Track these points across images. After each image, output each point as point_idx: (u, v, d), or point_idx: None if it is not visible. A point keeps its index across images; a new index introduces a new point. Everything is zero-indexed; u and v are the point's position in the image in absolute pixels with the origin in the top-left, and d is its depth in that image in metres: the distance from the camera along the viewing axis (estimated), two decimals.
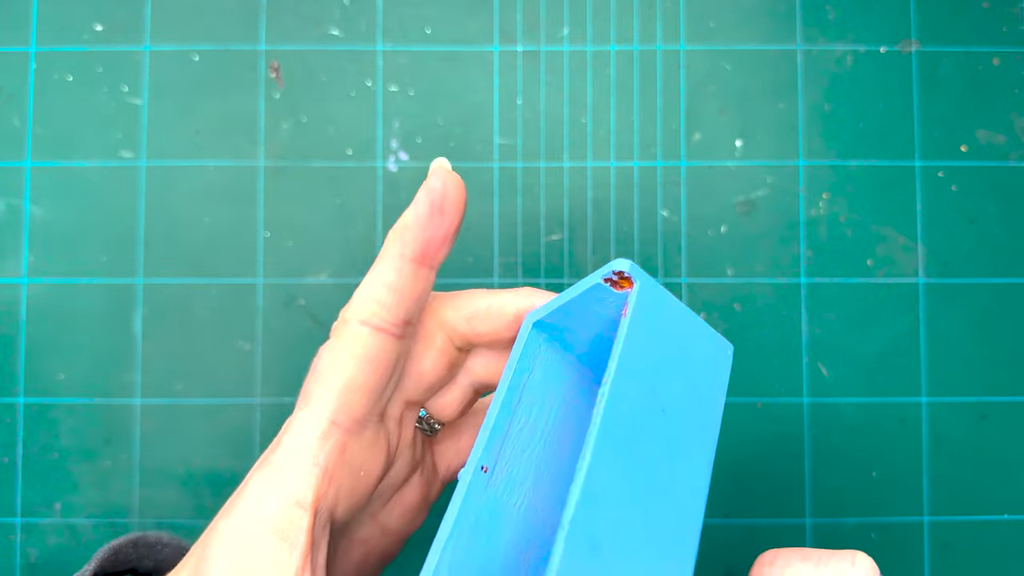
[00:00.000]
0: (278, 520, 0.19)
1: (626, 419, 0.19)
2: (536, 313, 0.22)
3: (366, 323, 0.21)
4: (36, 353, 0.35)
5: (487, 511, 0.20)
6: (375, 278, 0.21)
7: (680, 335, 0.21)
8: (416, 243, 0.21)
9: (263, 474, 0.20)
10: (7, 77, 0.35)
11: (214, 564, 0.18)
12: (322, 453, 0.20)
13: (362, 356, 0.20)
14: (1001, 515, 0.35)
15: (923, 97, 0.35)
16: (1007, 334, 0.35)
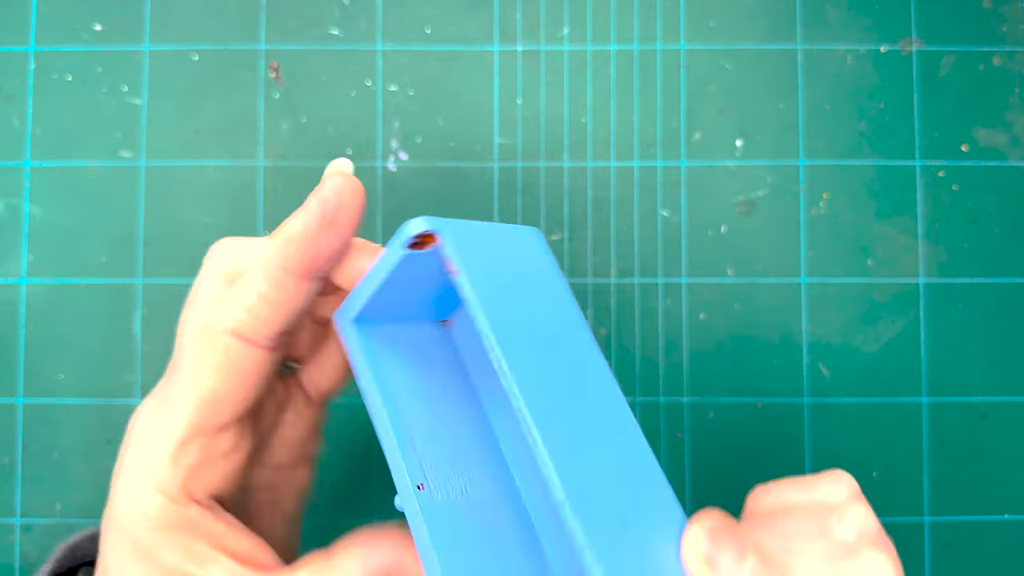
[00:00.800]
0: (139, 538, 0.19)
1: (530, 368, 0.18)
2: (347, 311, 0.20)
3: (236, 334, 0.19)
4: (36, 353, 0.35)
5: (451, 521, 0.19)
6: (251, 286, 0.19)
7: (503, 252, 0.20)
8: (302, 257, 0.19)
9: (126, 481, 0.19)
10: (7, 77, 0.35)
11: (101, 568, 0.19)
12: (185, 457, 0.19)
13: (229, 369, 0.19)
14: (1002, 515, 0.35)
15: (923, 97, 0.35)
16: (1007, 334, 0.35)
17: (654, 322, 0.35)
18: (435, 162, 0.35)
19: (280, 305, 0.19)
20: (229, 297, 0.20)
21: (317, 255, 0.19)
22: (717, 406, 0.35)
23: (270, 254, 0.19)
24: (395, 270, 0.20)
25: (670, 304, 0.35)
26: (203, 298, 0.21)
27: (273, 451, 0.23)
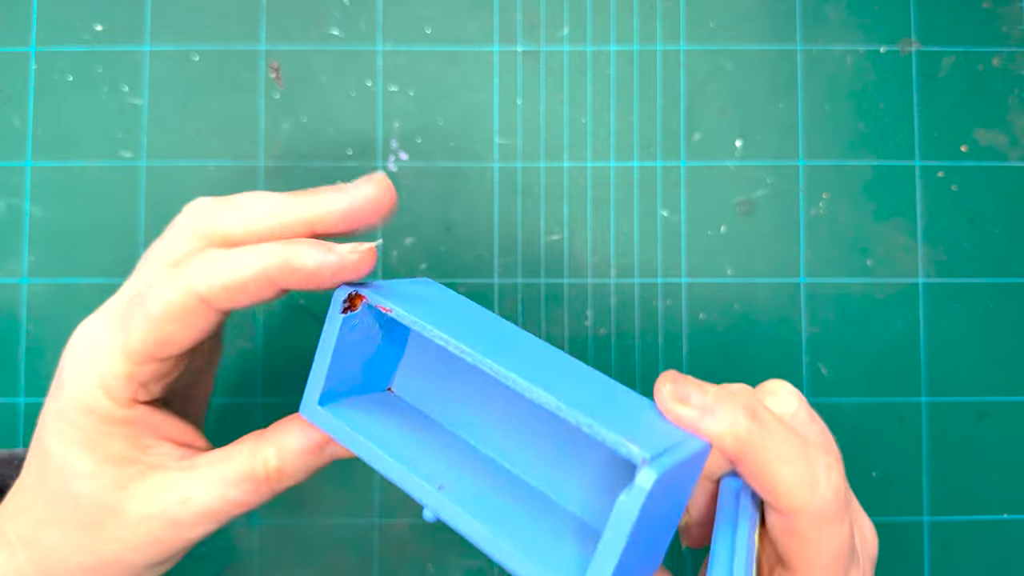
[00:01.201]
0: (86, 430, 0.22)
1: (479, 341, 0.21)
2: (310, 399, 0.23)
3: (206, 301, 0.21)
4: (37, 353, 0.35)
5: (480, 501, 0.21)
6: (239, 273, 0.21)
7: (415, 290, 0.23)
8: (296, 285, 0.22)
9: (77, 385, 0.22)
10: (7, 77, 0.35)
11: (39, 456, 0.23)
12: (135, 376, 0.22)
13: (191, 324, 0.22)
14: (1001, 515, 0.35)
15: (923, 97, 0.36)
16: (1007, 334, 0.35)
17: (654, 322, 0.35)
18: (435, 162, 0.35)
19: (256, 298, 0.22)
20: (212, 265, 0.21)
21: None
22: None
23: (270, 264, 0.21)
24: (339, 337, 0.22)
25: (670, 304, 0.35)
26: (173, 247, 0.23)
27: (192, 360, 0.25)
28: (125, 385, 0.22)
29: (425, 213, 0.35)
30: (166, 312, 0.21)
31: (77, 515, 0.23)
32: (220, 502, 0.23)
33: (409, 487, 0.21)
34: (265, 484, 0.24)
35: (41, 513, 0.23)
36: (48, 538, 0.23)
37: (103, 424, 0.22)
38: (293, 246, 0.22)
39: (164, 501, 0.23)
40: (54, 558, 0.23)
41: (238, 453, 0.23)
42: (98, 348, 0.22)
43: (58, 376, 0.23)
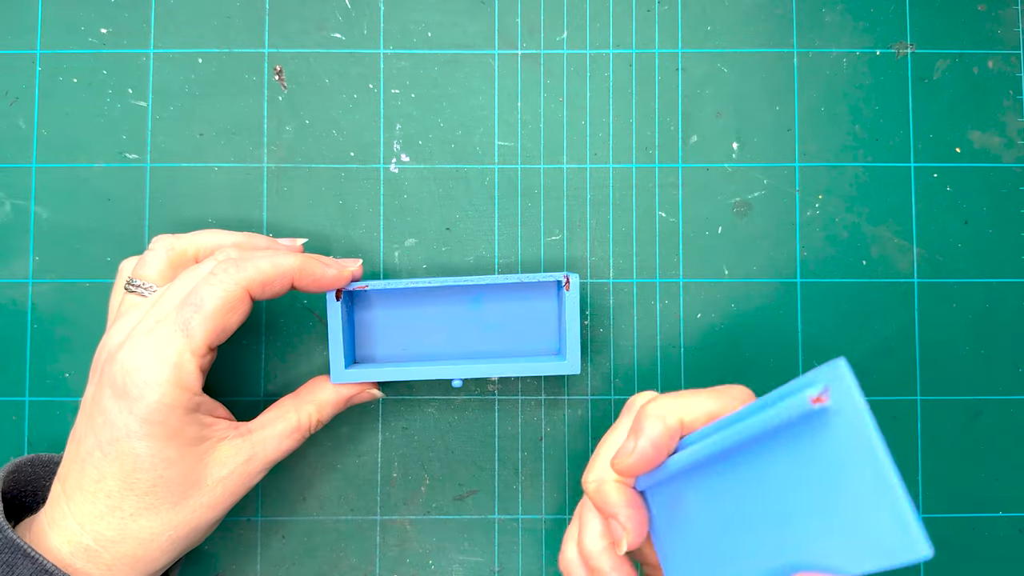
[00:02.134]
0: (170, 423, 0.27)
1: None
2: (336, 374, 0.32)
3: (250, 292, 0.28)
4: (42, 352, 0.35)
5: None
6: (280, 271, 0.29)
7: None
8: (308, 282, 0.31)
9: (158, 389, 0.27)
10: (13, 79, 0.35)
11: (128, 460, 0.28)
12: (200, 366, 0.28)
13: (240, 312, 0.28)
14: (995, 512, 0.35)
15: (918, 99, 0.36)
16: (1000, 333, 0.35)
17: (652, 321, 0.35)
18: (436, 164, 0.35)
19: (277, 292, 0.29)
20: (255, 264, 0.28)
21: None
22: None
23: (293, 267, 0.29)
24: (340, 320, 0.32)
25: (667, 304, 0.35)
26: (156, 262, 0.31)
27: None
28: (197, 378, 0.28)
29: (426, 214, 0.35)
30: (223, 306, 0.28)
31: (168, 497, 0.28)
32: (276, 453, 0.30)
33: (434, 375, 0.32)
34: (307, 431, 0.31)
35: (129, 509, 0.28)
36: (138, 528, 0.28)
37: (184, 415, 0.28)
38: (307, 259, 0.30)
39: (234, 463, 0.29)
40: (146, 543, 0.28)
41: (287, 412, 0.31)
42: (167, 357, 0.27)
43: (126, 393, 0.27)
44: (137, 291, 0.30)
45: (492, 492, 0.35)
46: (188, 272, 0.29)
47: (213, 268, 0.28)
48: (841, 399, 0.19)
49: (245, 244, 0.31)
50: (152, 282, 0.30)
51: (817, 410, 0.20)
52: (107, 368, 0.28)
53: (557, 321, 0.34)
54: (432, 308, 0.34)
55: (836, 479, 0.20)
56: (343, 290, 0.32)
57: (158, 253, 0.30)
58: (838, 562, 0.20)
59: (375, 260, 0.35)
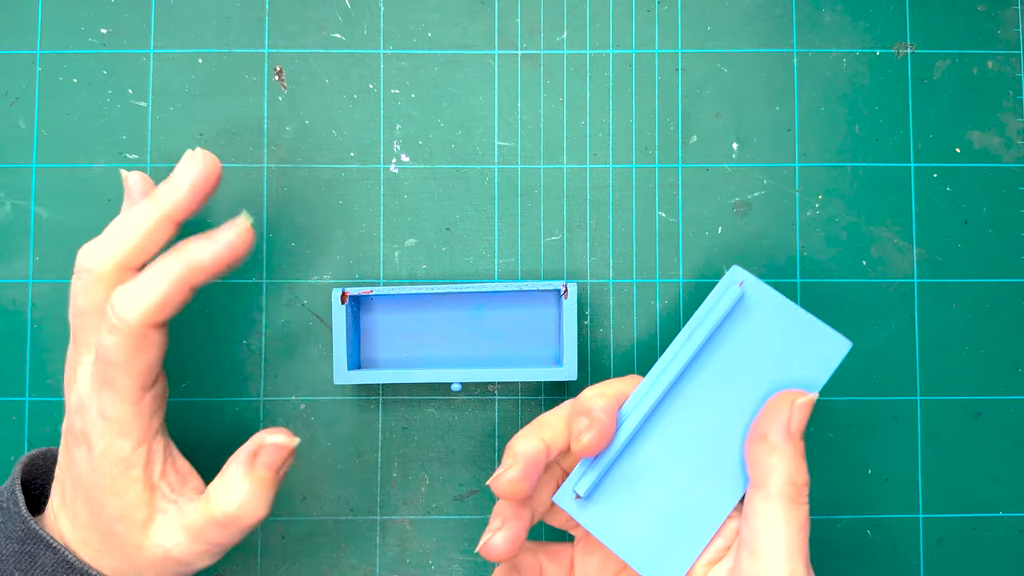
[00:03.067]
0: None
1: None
2: (339, 374, 0.32)
3: (143, 324, 0.26)
4: (42, 352, 0.35)
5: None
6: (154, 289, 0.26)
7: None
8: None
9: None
10: (13, 80, 0.35)
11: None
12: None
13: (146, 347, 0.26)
14: (995, 512, 0.35)
15: (917, 99, 0.36)
16: (1000, 333, 0.35)
17: (652, 321, 0.35)
18: (436, 164, 0.35)
19: (181, 302, 0.27)
20: (131, 296, 0.26)
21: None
22: None
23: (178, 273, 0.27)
24: (344, 322, 0.33)
25: (667, 304, 0.35)
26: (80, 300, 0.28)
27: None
28: (137, 423, 0.26)
29: (426, 214, 0.35)
30: (127, 352, 0.26)
31: (120, 548, 0.27)
32: (194, 551, 0.27)
33: (434, 379, 0.32)
34: (223, 528, 0.27)
35: (96, 546, 0.27)
36: (106, 564, 0.27)
37: (130, 466, 0.26)
38: (188, 251, 0.26)
39: (166, 543, 0.27)
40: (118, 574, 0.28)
41: (193, 510, 0.27)
42: (103, 410, 0.26)
43: (74, 445, 0.27)
44: None
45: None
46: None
47: (106, 309, 0.26)
48: (748, 285, 0.28)
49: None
50: None
51: (741, 292, 0.28)
52: (67, 412, 0.28)
53: (557, 327, 0.34)
54: (434, 313, 0.34)
55: (765, 341, 0.28)
56: (348, 294, 0.32)
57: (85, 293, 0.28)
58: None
59: (375, 260, 0.35)
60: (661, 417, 0.28)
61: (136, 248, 0.27)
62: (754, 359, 0.28)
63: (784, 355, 0.28)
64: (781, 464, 0.26)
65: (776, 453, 0.26)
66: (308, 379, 0.35)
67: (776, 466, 0.26)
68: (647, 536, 0.27)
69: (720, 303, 0.28)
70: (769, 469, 0.26)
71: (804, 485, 0.26)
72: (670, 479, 0.27)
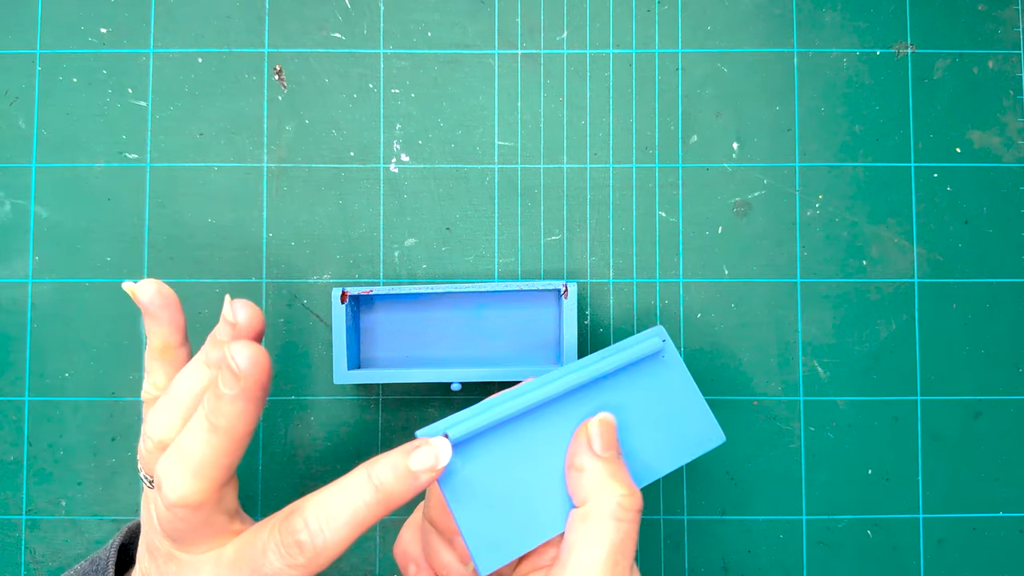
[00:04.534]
0: None
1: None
2: (339, 374, 0.32)
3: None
4: (42, 352, 0.35)
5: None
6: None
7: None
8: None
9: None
10: (13, 79, 0.35)
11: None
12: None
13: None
14: (995, 512, 0.35)
15: (918, 99, 0.36)
16: (1001, 333, 0.35)
17: (652, 321, 0.35)
18: (436, 164, 0.35)
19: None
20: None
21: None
22: (714, 404, 0.35)
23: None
24: (344, 322, 0.33)
25: (667, 304, 0.35)
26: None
27: None
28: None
29: (426, 214, 0.35)
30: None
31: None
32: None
33: (435, 379, 0.32)
34: None
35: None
36: None
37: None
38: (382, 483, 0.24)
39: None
40: None
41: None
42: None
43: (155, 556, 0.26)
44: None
45: None
46: None
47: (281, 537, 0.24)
48: (666, 346, 0.30)
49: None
50: None
51: (656, 352, 0.29)
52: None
53: (557, 327, 0.34)
54: (434, 313, 0.34)
55: (657, 403, 0.29)
56: (348, 294, 0.32)
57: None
58: (663, 463, 0.29)
59: (375, 260, 0.35)
60: (539, 418, 0.28)
61: (220, 472, 0.25)
62: (636, 409, 0.29)
63: (663, 421, 0.29)
64: (592, 484, 0.26)
65: (586, 475, 0.26)
66: (308, 379, 0.35)
67: (587, 486, 0.26)
68: (489, 517, 0.27)
69: (640, 346, 0.29)
70: (580, 490, 0.26)
71: (623, 500, 0.25)
72: (528, 476, 0.27)
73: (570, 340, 0.32)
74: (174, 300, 0.27)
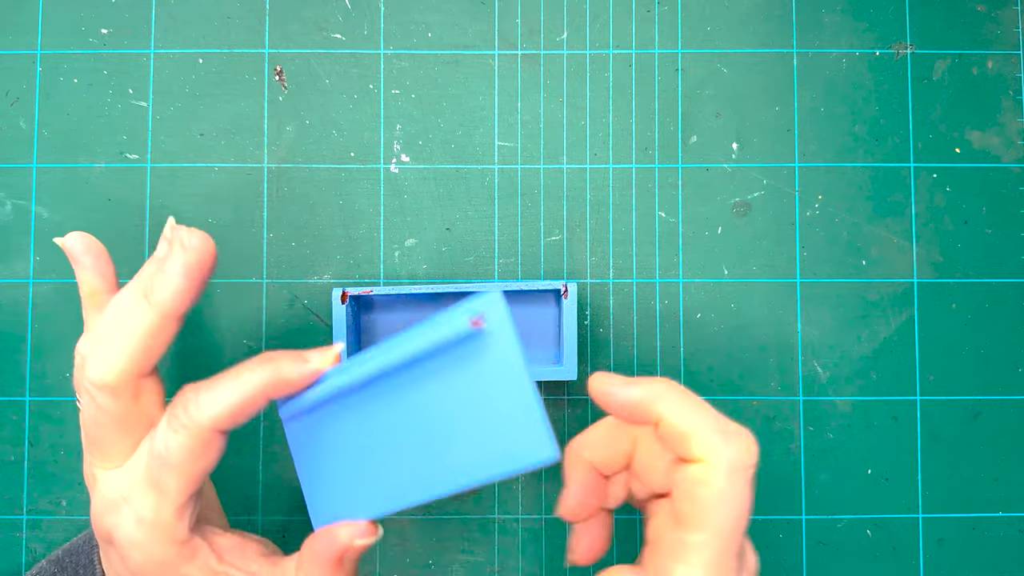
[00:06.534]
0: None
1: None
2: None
3: (216, 429, 0.25)
4: (42, 352, 0.35)
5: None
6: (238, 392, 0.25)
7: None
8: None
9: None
10: (14, 80, 0.35)
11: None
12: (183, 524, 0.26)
13: (208, 453, 0.25)
14: (995, 512, 0.35)
15: (917, 99, 0.36)
16: (1000, 333, 0.35)
17: (651, 321, 0.35)
18: (436, 164, 0.35)
19: (254, 413, 0.26)
20: (214, 397, 0.25)
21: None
22: (713, 404, 0.35)
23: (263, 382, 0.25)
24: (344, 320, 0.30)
25: (667, 304, 0.35)
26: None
27: None
28: (183, 526, 0.25)
29: (426, 214, 0.35)
30: (189, 454, 0.24)
31: None
32: None
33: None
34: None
35: None
36: None
37: (178, 565, 0.25)
38: (277, 364, 0.25)
39: None
40: None
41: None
42: (142, 515, 0.25)
43: (106, 547, 0.26)
44: None
45: (492, 492, 0.35)
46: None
47: (172, 405, 0.25)
48: (496, 324, 0.22)
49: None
50: None
51: (474, 332, 0.22)
52: (92, 512, 0.26)
53: (557, 327, 0.34)
54: (434, 313, 0.34)
55: (482, 396, 0.23)
56: (349, 294, 0.32)
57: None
58: (477, 470, 0.23)
59: (375, 260, 0.35)
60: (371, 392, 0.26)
61: (144, 354, 0.25)
62: (455, 400, 0.24)
63: (485, 420, 0.23)
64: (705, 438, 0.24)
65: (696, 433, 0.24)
66: None
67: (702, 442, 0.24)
68: (326, 478, 0.27)
69: (450, 325, 0.23)
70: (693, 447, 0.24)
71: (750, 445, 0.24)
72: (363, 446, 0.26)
73: (570, 340, 0.32)
74: (98, 247, 0.28)
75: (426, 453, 0.24)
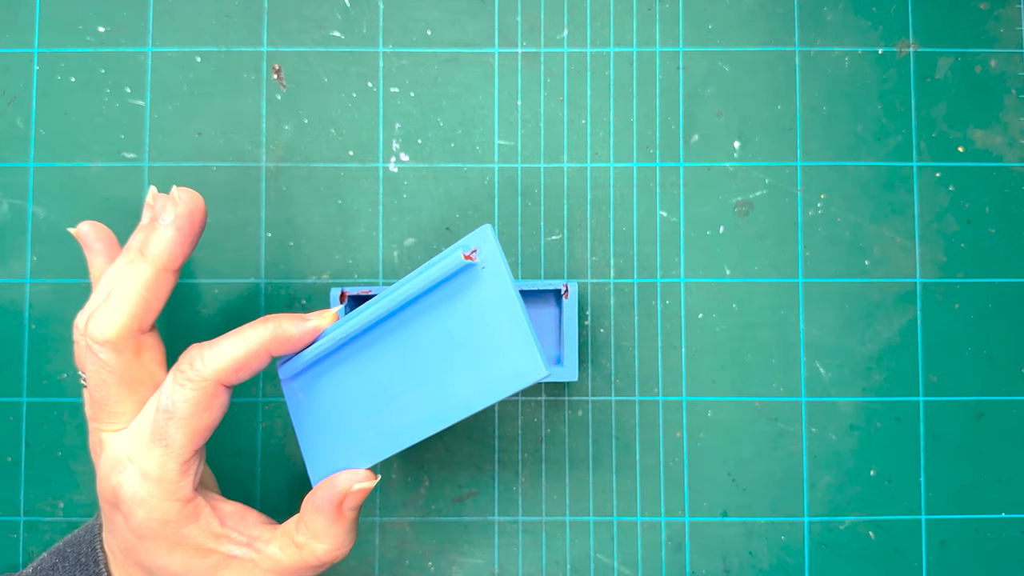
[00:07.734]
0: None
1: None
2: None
3: (220, 381, 0.26)
4: (39, 353, 0.35)
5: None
6: (241, 347, 0.26)
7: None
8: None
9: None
10: (10, 78, 0.35)
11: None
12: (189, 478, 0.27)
13: (212, 407, 0.26)
14: (998, 513, 0.35)
15: (920, 98, 0.36)
16: (1004, 333, 0.35)
17: (653, 321, 0.35)
18: (436, 163, 0.35)
19: (257, 368, 0.27)
20: (218, 352, 0.26)
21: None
22: (715, 405, 0.35)
23: (265, 337, 0.27)
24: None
25: (669, 304, 0.35)
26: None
27: None
28: (188, 483, 0.26)
29: (426, 214, 0.35)
30: (196, 408, 0.26)
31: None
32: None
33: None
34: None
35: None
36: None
37: (181, 525, 0.26)
38: (278, 321, 0.27)
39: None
40: None
41: (288, 547, 0.28)
42: (148, 472, 0.26)
43: (118, 508, 0.26)
44: None
45: (492, 494, 0.35)
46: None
47: (178, 362, 0.27)
48: (487, 258, 0.25)
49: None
50: None
51: (467, 265, 0.25)
52: (98, 479, 0.27)
53: (557, 327, 0.34)
54: None
55: (477, 324, 0.25)
56: (348, 294, 0.32)
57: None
58: (475, 397, 0.25)
59: (374, 260, 0.35)
60: (366, 345, 0.27)
61: (144, 308, 0.27)
62: (455, 333, 0.26)
63: (482, 348, 0.25)
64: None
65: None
66: None
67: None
68: (324, 434, 0.28)
69: (445, 262, 0.25)
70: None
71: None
72: (360, 399, 0.28)
73: (570, 340, 0.32)
74: (108, 234, 0.30)
75: (425, 388, 0.26)
